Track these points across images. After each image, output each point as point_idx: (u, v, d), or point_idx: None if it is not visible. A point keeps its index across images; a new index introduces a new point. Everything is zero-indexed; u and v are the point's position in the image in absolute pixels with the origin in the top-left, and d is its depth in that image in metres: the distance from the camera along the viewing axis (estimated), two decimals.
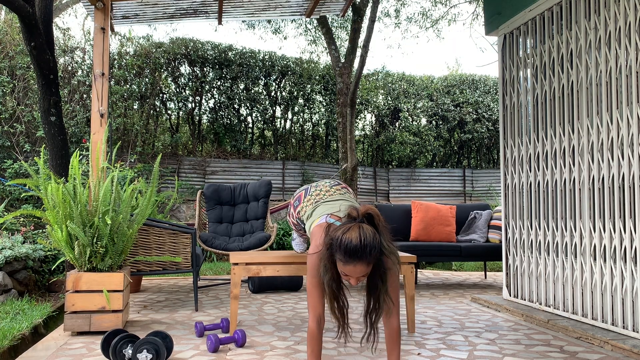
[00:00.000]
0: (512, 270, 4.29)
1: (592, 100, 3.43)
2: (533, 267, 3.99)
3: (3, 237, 4.84)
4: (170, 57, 9.31)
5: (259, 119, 10.18)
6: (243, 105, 9.93)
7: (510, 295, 4.29)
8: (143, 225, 3.89)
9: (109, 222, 3.22)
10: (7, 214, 4.87)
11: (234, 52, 9.82)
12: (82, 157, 6.94)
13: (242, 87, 9.93)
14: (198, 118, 9.77)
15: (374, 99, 11.11)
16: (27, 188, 6.52)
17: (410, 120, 11.35)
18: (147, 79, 9.05)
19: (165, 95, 9.42)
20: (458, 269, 7.00)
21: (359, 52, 8.93)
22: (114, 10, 5.14)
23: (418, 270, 6.72)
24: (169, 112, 9.60)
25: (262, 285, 4.93)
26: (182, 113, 9.64)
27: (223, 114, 9.83)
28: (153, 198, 3.66)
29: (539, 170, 3.94)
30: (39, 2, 4.75)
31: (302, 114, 10.55)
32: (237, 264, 3.15)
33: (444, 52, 32.07)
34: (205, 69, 9.60)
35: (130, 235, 3.45)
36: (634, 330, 3.05)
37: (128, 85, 8.97)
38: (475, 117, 11.44)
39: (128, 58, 8.99)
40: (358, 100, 10.66)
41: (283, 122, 10.41)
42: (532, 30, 4.06)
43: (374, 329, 2.14)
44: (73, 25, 27.29)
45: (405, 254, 3.44)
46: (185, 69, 9.51)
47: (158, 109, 9.40)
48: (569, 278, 3.59)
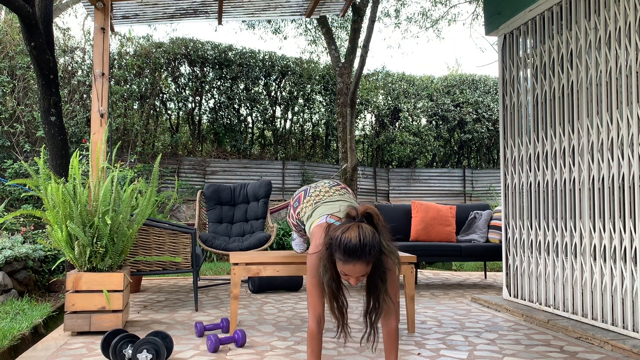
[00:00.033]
0: (512, 270, 4.29)
1: (592, 100, 3.43)
2: (533, 267, 3.99)
3: (3, 237, 4.84)
4: (170, 57, 9.30)
5: (259, 119, 10.18)
6: (243, 105, 9.93)
7: (510, 295, 4.29)
8: (143, 225, 3.89)
9: (109, 222, 3.22)
10: (7, 214, 4.87)
11: (234, 52, 9.82)
12: (82, 157, 6.94)
13: (242, 87, 9.93)
14: (198, 118, 9.77)
15: (374, 99, 11.11)
16: (27, 188, 6.52)
17: (410, 120, 11.35)
18: (147, 79, 9.05)
19: (165, 95, 9.42)
20: (458, 269, 7.00)
21: (359, 52, 8.93)
22: (114, 10, 5.14)
23: (418, 270, 6.72)
24: (169, 112, 9.60)
25: (262, 285, 4.93)
26: (182, 113, 9.64)
27: (223, 114, 9.83)
28: (153, 198, 3.66)
29: (539, 170, 3.94)
30: (39, 2, 4.75)
31: (302, 114, 10.55)
32: (237, 264, 3.15)
33: (444, 52, 32.09)
34: (205, 69, 9.60)
35: (130, 235, 3.45)
36: (634, 330, 3.05)
37: (128, 85, 8.97)
38: (475, 117, 11.43)
39: (128, 58, 8.99)
40: (358, 100, 10.66)
41: (283, 122, 10.41)
42: (532, 30, 4.06)
43: (374, 329, 2.14)
44: (73, 25, 27.30)
45: (405, 254, 3.44)
46: (185, 69, 9.51)
47: (158, 109, 9.40)
48: (569, 278, 3.59)
